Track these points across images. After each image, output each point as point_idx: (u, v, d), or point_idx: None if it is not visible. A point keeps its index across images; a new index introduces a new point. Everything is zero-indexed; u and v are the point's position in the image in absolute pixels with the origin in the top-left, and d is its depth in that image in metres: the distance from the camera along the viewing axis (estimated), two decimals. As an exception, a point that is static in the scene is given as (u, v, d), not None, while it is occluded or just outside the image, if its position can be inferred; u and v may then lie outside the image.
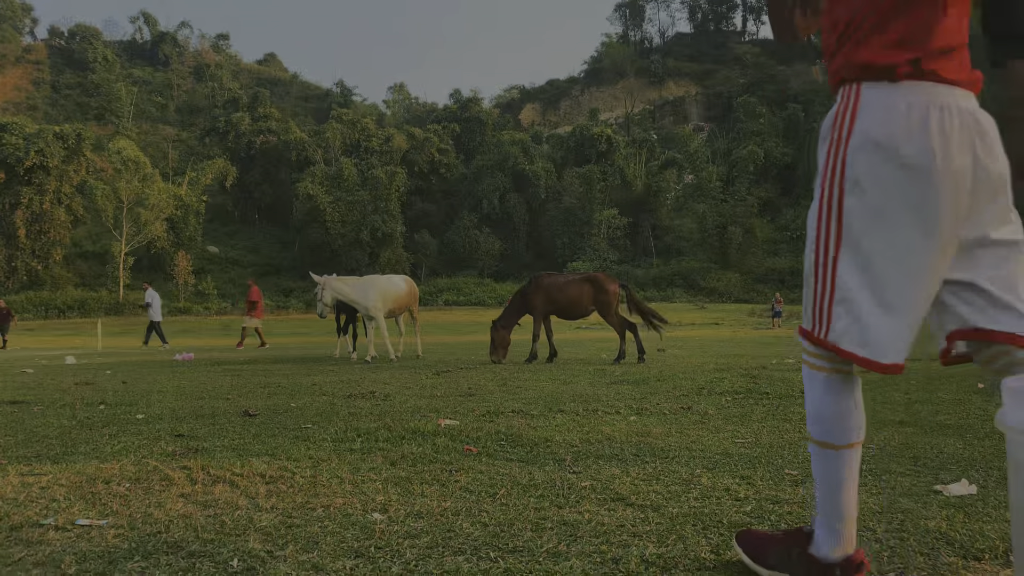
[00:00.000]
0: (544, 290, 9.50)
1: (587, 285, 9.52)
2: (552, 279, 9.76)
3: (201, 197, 64.72)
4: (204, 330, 38.47)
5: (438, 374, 7.74)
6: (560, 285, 9.55)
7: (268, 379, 7.55)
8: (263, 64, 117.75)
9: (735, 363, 8.44)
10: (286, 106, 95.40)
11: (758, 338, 18.89)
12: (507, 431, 3.73)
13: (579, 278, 9.72)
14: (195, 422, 4.35)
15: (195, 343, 24.19)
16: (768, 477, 2.66)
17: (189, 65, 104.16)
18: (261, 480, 2.67)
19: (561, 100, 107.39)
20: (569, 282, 9.62)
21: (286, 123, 79.83)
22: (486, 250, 67.86)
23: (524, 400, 5.20)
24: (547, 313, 9.56)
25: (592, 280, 9.62)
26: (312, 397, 5.70)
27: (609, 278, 9.68)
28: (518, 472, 2.78)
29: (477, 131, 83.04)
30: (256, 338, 19.32)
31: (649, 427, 3.86)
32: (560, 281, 9.68)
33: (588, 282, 9.58)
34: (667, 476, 2.68)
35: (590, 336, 23.37)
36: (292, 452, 3.23)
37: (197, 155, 76.51)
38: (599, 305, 9.43)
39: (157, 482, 2.65)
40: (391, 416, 4.41)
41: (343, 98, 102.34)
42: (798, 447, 3.26)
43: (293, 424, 4.16)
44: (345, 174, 66.36)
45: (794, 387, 5.58)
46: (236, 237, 73.66)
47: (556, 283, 9.60)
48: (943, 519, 2.11)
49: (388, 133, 78.53)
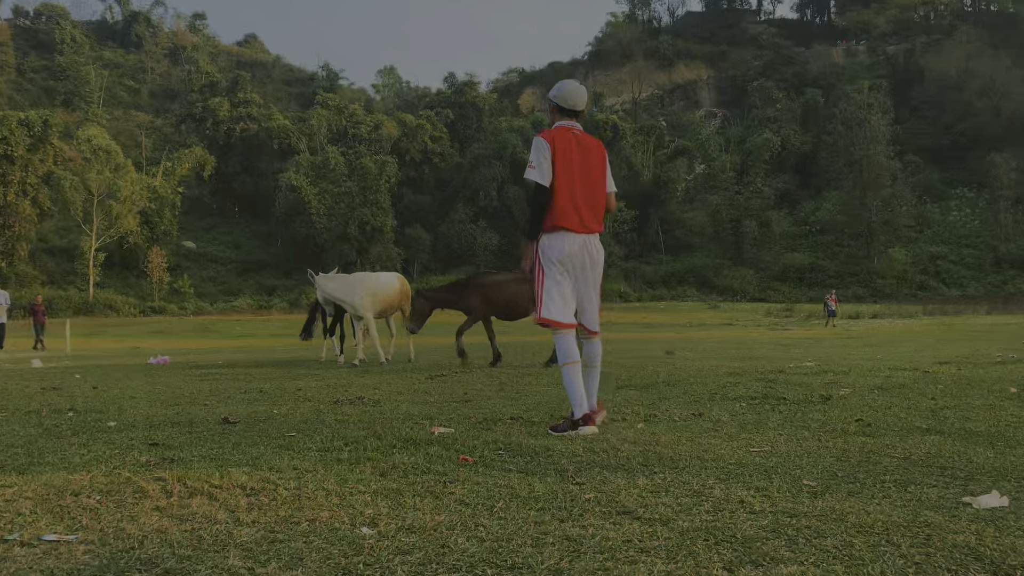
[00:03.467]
0: (482, 290, 9.48)
1: (527, 284, 9.51)
2: (491, 278, 9.78)
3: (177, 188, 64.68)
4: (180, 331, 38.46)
5: (432, 378, 7.74)
6: (499, 284, 9.54)
7: (249, 384, 7.55)
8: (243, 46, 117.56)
9: (750, 366, 8.44)
10: (268, 91, 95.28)
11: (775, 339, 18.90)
12: (505, 439, 3.73)
13: (520, 276, 9.73)
14: (171, 430, 4.34)
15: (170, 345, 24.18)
16: (785, 488, 2.66)
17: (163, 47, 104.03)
18: (242, 492, 2.67)
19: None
20: (509, 281, 9.62)
21: (268, 109, 79.77)
22: (483, 245, 67.89)
23: (524, 406, 5.20)
24: (487, 314, 9.55)
25: None
26: (296, 403, 5.69)
27: None
28: (517, 483, 2.78)
29: (473, 117, 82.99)
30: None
31: (657, 435, 3.86)
32: (500, 280, 9.68)
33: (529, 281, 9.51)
34: (677, 487, 2.69)
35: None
36: (275, 462, 3.23)
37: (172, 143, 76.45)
38: None
39: (130, 494, 2.65)
40: (381, 424, 4.40)
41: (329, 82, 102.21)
42: (817, 456, 3.27)
43: (276, 432, 4.15)
44: (331, 164, 66.30)
45: (813, 392, 5.59)
46: (214, 231, 73.62)
47: (495, 282, 9.59)
48: (972, 533, 2.12)
49: (377, 120, 78.49)
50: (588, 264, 4.16)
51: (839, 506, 2.39)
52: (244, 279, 65.29)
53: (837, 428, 4.02)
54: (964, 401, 5.01)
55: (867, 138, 69.14)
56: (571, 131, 4.20)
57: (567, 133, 4.18)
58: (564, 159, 4.11)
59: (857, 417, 4.36)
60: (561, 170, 4.10)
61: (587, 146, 4.21)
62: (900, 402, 5.00)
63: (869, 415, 4.45)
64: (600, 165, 4.24)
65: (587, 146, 4.21)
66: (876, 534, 2.11)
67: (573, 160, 4.12)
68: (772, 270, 66.50)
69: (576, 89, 4.31)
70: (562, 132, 4.18)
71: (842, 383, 6.23)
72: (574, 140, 4.16)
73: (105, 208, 58.11)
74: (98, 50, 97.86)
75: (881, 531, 2.13)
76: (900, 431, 3.89)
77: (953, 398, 5.18)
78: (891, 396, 5.35)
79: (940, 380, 6.34)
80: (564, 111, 4.26)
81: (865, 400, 5.16)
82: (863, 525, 2.18)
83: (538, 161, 4.11)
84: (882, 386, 5.95)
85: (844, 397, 5.32)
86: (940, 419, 4.28)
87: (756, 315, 45.46)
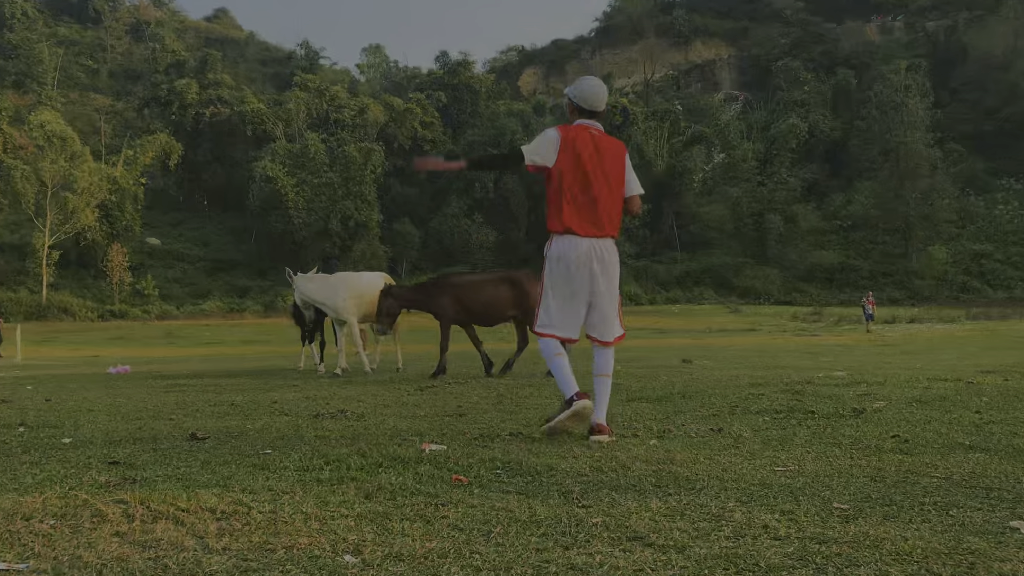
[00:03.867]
0: (453, 293, 9.52)
1: (505, 286, 9.56)
2: (462, 279, 9.88)
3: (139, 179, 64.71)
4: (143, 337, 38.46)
5: (421, 390, 7.74)
6: (472, 286, 9.61)
7: (219, 396, 7.54)
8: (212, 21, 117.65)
9: (774, 376, 8.44)
10: (240, 71, 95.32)
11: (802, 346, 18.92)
12: (503, 457, 3.73)
13: (495, 277, 9.81)
14: (132, 447, 4.34)
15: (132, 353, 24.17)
16: (813, 512, 2.66)
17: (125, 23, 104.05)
18: (211, 516, 2.67)
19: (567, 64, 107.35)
20: (483, 282, 9.69)
21: (241, 91, 79.81)
22: (478, 242, 67.92)
23: (524, 420, 5.20)
24: (458, 320, 9.59)
25: (511, 280, 9.64)
26: (272, 417, 5.69)
27: (531, 276, 9.65)
28: (517, 506, 2.78)
29: (468, 101, 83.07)
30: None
31: (672, 452, 3.86)
32: (472, 281, 9.75)
33: (507, 282, 9.61)
34: (693, 511, 2.69)
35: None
36: (248, 483, 3.23)
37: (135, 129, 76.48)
38: (521, 310, 9.44)
39: (87, 519, 2.64)
40: (366, 440, 4.40)
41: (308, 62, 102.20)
42: (849, 476, 3.27)
43: (249, 450, 4.15)
44: (311, 152, 66.37)
45: (845, 405, 5.59)
46: (181, 227, 73.64)
47: (467, 284, 9.65)
48: (1021, 561, 2.12)
49: (362, 103, 78.55)
50: (598, 270, 4.28)
51: (873, 531, 2.39)
52: (214, 280, 65.28)
53: (871, 445, 4.02)
54: (1012, 415, 5.01)
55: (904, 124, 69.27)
56: (589, 130, 4.35)
57: (584, 132, 4.33)
58: (574, 157, 4.26)
59: (893, 433, 4.36)
60: (570, 169, 4.26)
61: (605, 147, 4.35)
62: (941, 416, 5.00)
63: (906, 430, 4.45)
64: (618, 167, 4.39)
65: (605, 147, 4.35)
66: (914, 562, 2.11)
67: (587, 160, 4.26)
68: (798, 270, 66.54)
69: (596, 88, 4.43)
70: (580, 130, 4.33)
71: (876, 395, 6.23)
72: (590, 139, 4.31)
73: (60, 201, 58.08)
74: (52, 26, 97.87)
75: (920, 559, 2.13)
76: (941, 448, 3.89)
77: (999, 412, 5.18)
78: (931, 409, 5.35)
79: (985, 392, 6.34)
80: (583, 111, 4.40)
81: (902, 414, 5.16)
82: (900, 552, 2.18)
83: (537, 143, 4.29)
84: (921, 398, 5.95)
85: (879, 410, 5.32)
86: (985, 435, 4.28)
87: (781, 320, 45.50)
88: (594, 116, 4.41)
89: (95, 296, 58.00)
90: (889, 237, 69.38)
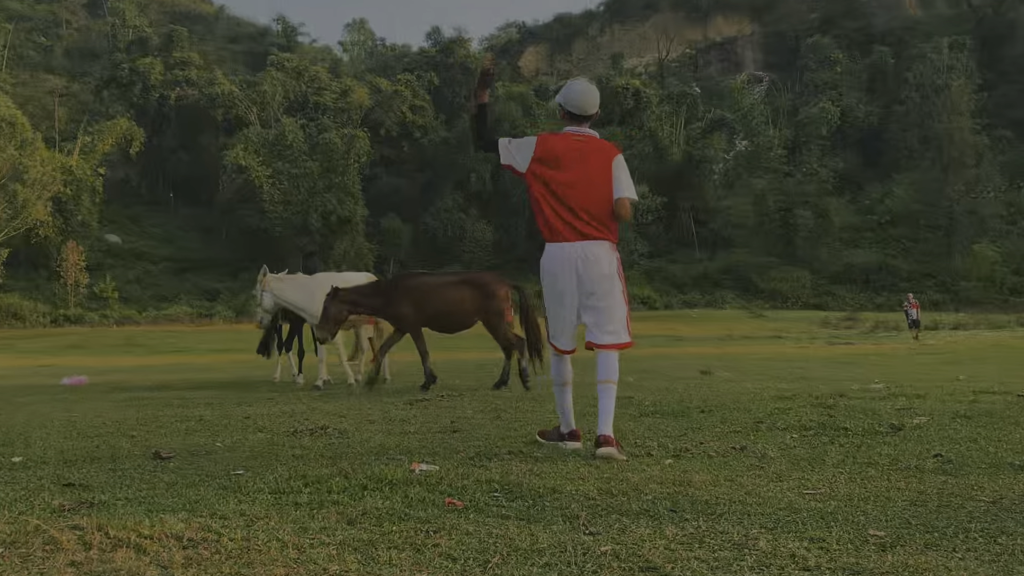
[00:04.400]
0: (411, 295, 9.57)
1: (467, 289, 9.64)
2: (421, 280, 9.90)
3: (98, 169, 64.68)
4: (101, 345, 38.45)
5: (411, 404, 7.74)
6: (432, 289, 9.67)
7: (186, 411, 7.54)
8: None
9: (803, 389, 8.45)
10: (210, 49, 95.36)
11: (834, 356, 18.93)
12: (502, 479, 3.73)
13: (457, 279, 9.92)
14: (89, 467, 4.33)
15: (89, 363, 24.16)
16: (846, 539, 2.66)
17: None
18: (177, 544, 2.66)
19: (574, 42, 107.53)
20: (444, 285, 9.76)
21: (210, 72, 79.90)
22: (475, 239, 67.98)
23: (524, 437, 5.20)
24: (420, 324, 9.65)
25: (474, 282, 9.74)
26: (245, 434, 5.69)
27: (498, 279, 9.84)
28: (517, 533, 2.78)
29: (463, 83, 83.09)
30: None
31: (690, 473, 3.87)
32: (432, 283, 9.80)
33: (469, 284, 9.70)
34: (713, 538, 2.69)
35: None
36: (218, 507, 3.23)
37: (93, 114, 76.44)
38: (485, 315, 9.56)
39: (39, 546, 2.64)
40: (349, 459, 4.40)
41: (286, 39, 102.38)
42: (887, 500, 3.27)
43: (219, 470, 4.15)
44: (288, 139, 66.42)
45: (881, 421, 5.59)
46: (144, 222, 73.67)
47: (426, 286, 9.70)
48: (1077, 595, 2.12)
49: (345, 85, 78.64)
50: (583, 272, 4.58)
51: (913, 561, 2.39)
52: (180, 281, 65.30)
53: (911, 465, 4.02)
54: (1067, 432, 5.01)
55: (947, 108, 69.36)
56: (572, 136, 4.72)
57: (567, 139, 4.70)
58: (552, 164, 4.63)
59: (935, 452, 4.36)
60: (548, 177, 4.64)
61: (590, 151, 4.70)
62: (988, 433, 5.00)
63: (950, 449, 4.46)
64: (602, 168, 4.68)
65: (590, 151, 4.70)
66: (959, 596, 2.11)
67: (567, 165, 4.63)
68: (830, 270, 66.55)
69: (585, 91, 4.76)
70: (562, 138, 4.71)
71: (917, 410, 6.23)
72: (573, 145, 4.68)
73: (8, 194, 58.06)
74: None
75: (965, 592, 2.13)
76: (988, 469, 3.89)
77: (1053, 428, 5.18)
78: (977, 426, 5.35)
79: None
80: (573, 116, 4.75)
81: (945, 431, 5.17)
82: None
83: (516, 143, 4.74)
84: (966, 413, 5.95)
85: (919, 427, 5.33)
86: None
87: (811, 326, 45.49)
88: (586, 120, 4.75)
89: (48, 299, 57.97)
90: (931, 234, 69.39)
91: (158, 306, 59.33)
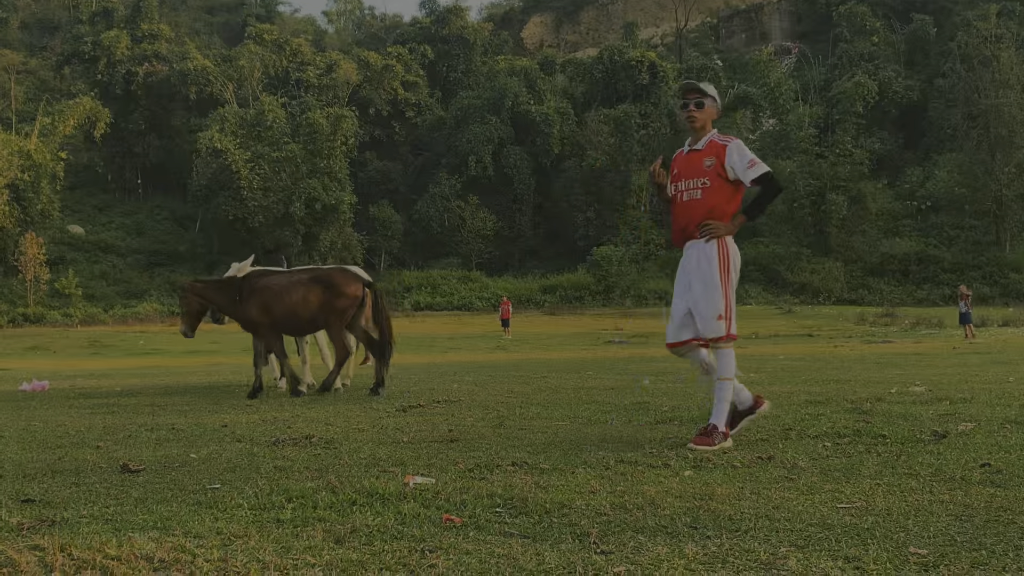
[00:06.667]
0: (258, 296, 9.69)
1: (316, 288, 9.73)
2: (268, 280, 9.96)
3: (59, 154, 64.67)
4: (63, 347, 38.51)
5: (404, 410, 7.74)
6: (278, 289, 9.76)
7: (157, 419, 7.55)
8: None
9: (837, 392, 8.44)
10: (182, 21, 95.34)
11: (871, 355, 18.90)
12: (505, 493, 3.72)
13: (306, 278, 9.95)
14: (51, 481, 4.34)
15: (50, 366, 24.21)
16: (885, 558, 2.66)
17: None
18: (147, 565, 2.67)
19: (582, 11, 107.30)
20: (291, 284, 9.83)
21: (182, 45, 79.81)
22: (474, 229, 67.94)
23: (530, 447, 5.20)
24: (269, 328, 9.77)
25: (323, 280, 9.82)
26: (221, 444, 5.70)
27: (349, 276, 9.92)
28: (521, 552, 2.78)
29: (461, 57, 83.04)
30: None
31: (711, 486, 3.86)
32: (279, 283, 9.87)
33: (318, 283, 9.78)
34: (738, 557, 2.68)
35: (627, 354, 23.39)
36: (192, 524, 3.23)
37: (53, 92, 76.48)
38: (326, 314, 9.72)
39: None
40: (336, 471, 4.40)
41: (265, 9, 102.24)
42: (929, 514, 3.26)
43: (193, 484, 4.15)
44: (268, 119, 66.38)
45: (923, 427, 5.59)
46: (110, 212, 73.68)
47: (273, 286, 9.78)
48: None
49: (330, 60, 78.54)
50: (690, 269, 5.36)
51: (958, 582, 2.39)
52: (151, 276, 65.33)
53: (956, 476, 4.02)
54: None
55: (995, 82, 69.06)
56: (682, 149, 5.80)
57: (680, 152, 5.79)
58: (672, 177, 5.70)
59: (983, 461, 4.35)
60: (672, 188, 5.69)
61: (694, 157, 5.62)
62: (1041, 440, 5.00)
63: (999, 458, 4.45)
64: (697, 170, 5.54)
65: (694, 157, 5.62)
66: (1009, 620, 2.10)
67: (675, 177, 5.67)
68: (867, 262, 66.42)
69: None
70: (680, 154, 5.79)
71: (962, 415, 6.23)
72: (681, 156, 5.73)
73: (-39, 181, 58.16)
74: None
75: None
76: (1041, 480, 3.88)
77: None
78: None
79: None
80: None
81: (994, 438, 5.16)
82: (991, 608, 2.18)
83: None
84: (1016, 419, 5.95)
85: (965, 434, 5.32)
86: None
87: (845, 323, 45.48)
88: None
89: (5, 297, 58.07)
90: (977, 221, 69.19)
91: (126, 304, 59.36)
